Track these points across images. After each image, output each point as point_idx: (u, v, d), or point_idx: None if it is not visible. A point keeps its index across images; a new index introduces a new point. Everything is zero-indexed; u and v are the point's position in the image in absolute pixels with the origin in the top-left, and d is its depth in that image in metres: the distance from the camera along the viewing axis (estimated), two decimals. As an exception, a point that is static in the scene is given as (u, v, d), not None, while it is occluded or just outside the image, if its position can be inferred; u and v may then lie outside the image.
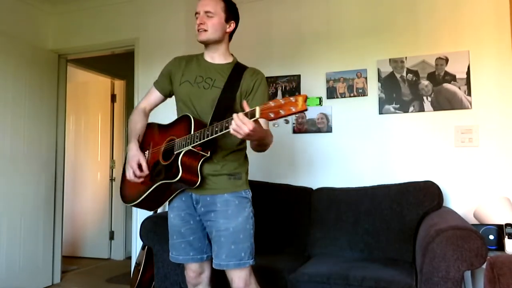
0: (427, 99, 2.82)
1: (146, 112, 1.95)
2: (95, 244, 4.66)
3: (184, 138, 1.66)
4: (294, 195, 2.85)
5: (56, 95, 3.74)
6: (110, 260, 4.60)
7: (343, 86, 3.02)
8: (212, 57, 1.85)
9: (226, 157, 1.77)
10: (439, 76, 2.80)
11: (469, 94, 2.73)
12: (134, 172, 1.72)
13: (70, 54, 3.81)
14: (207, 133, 1.58)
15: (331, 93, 3.05)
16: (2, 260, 3.15)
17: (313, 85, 3.08)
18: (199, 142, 1.60)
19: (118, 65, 4.54)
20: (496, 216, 2.36)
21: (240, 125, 1.43)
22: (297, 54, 3.15)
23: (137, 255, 3.21)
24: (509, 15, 2.62)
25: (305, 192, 2.86)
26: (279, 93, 3.15)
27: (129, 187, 1.86)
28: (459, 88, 2.75)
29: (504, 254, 2.15)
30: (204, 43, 1.82)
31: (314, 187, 2.89)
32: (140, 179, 1.73)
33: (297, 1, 3.20)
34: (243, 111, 1.84)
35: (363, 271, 2.12)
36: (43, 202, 3.53)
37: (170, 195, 1.80)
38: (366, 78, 2.97)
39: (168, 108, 2.08)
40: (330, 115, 3.04)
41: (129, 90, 4.59)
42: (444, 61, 2.79)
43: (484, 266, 1.54)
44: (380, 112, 2.93)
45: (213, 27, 1.77)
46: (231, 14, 1.83)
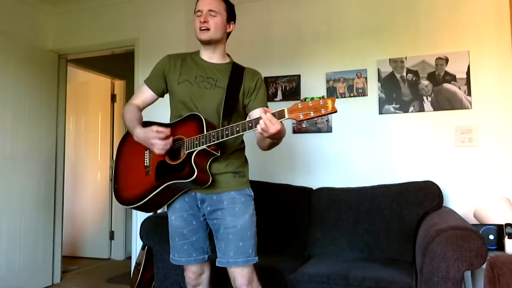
0: (427, 99, 2.82)
1: (140, 109, 1.90)
2: (95, 244, 4.66)
3: (196, 137, 1.63)
4: (294, 195, 2.85)
5: (56, 95, 3.74)
6: (110, 260, 4.60)
7: (343, 86, 3.02)
8: (210, 56, 1.85)
9: (230, 156, 1.78)
10: (439, 76, 2.80)
11: (469, 94, 2.73)
12: (158, 138, 1.64)
13: (70, 54, 3.81)
14: (226, 132, 1.58)
15: (331, 93, 3.05)
16: (2, 260, 3.15)
17: (313, 85, 3.08)
18: (216, 142, 1.60)
19: (118, 65, 4.54)
20: (496, 216, 2.36)
21: (269, 125, 1.46)
22: (297, 54, 3.15)
23: (137, 255, 3.21)
24: (509, 15, 2.62)
25: (305, 192, 2.86)
26: (279, 93, 3.15)
27: (128, 188, 1.83)
28: (459, 88, 2.75)
29: (504, 254, 2.15)
30: (205, 42, 1.80)
31: (314, 187, 2.89)
32: (169, 139, 1.65)
33: (297, 1, 3.20)
34: (244, 110, 1.84)
35: (363, 271, 2.12)
36: (43, 202, 3.53)
37: (174, 196, 1.78)
38: (366, 78, 2.97)
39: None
40: (330, 115, 3.04)
41: (129, 90, 4.59)
42: (444, 61, 2.79)
43: (484, 266, 1.54)
44: (380, 112, 2.93)
45: (216, 26, 1.77)
46: (231, 15, 1.85)
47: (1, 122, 3.20)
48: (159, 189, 1.70)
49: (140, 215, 3.25)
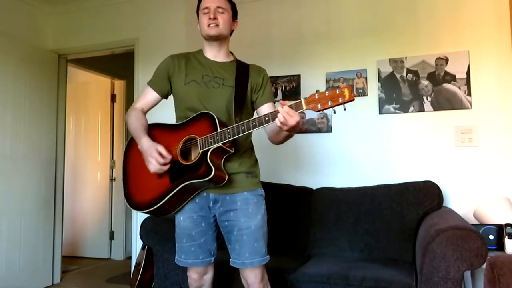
0: (427, 99, 2.82)
1: (144, 112, 1.88)
2: (95, 244, 4.66)
3: (211, 135, 1.61)
4: (294, 195, 2.85)
5: (56, 95, 3.74)
6: (110, 260, 4.60)
7: (343, 86, 3.02)
8: (216, 55, 1.83)
9: (242, 155, 1.78)
10: (439, 76, 2.80)
11: (469, 94, 2.73)
12: (157, 160, 1.64)
13: (70, 54, 3.81)
14: (242, 128, 1.56)
15: (331, 93, 3.05)
16: (2, 260, 3.15)
17: (313, 85, 3.07)
18: (232, 138, 1.59)
19: (118, 65, 4.54)
20: (496, 216, 2.36)
21: (288, 118, 1.45)
22: (297, 54, 3.15)
23: (137, 255, 3.21)
24: (509, 15, 2.62)
25: (305, 192, 2.86)
26: (279, 93, 3.15)
27: (140, 192, 1.78)
28: (459, 88, 2.75)
29: (504, 254, 2.15)
30: (213, 39, 1.78)
31: (314, 187, 2.89)
32: (166, 167, 1.66)
33: (297, 1, 3.20)
34: (252, 107, 1.83)
35: (363, 271, 2.12)
36: (43, 202, 3.53)
37: (189, 197, 1.75)
38: (366, 78, 2.97)
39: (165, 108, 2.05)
40: (330, 115, 3.04)
41: (129, 90, 4.58)
42: (444, 61, 2.79)
43: (484, 266, 1.54)
44: (380, 112, 2.93)
45: (224, 23, 1.76)
46: (235, 13, 1.85)
47: (1, 122, 3.20)
48: (175, 190, 1.67)
49: (140, 215, 3.25)
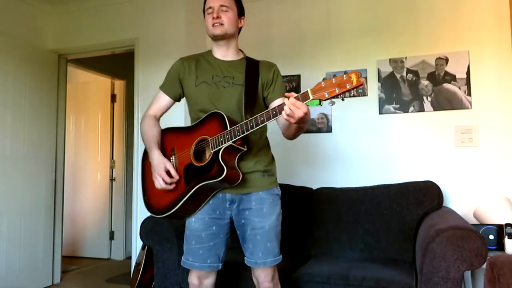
0: (427, 99, 2.82)
1: (157, 118, 1.88)
2: (95, 244, 4.66)
3: (221, 134, 1.60)
4: (294, 195, 2.84)
5: (56, 95, 3.73)
6: (110, 260, 4.60)
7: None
8: (224, 54, 1.81)
9: (258, 153, 1.76)
10: (439, 76, 2.80)
11: (469, 94, 2.73)
12: (163, 179, 1.66)
13: (70, 54, 3.80)
14: (251, 124, 1.53)
15: (331, 93, 3.05)
16: (2, 260, 3.15)
17: (313, 85, 3.07)
18: (242, 136, 1.56)
19: (118, 65, 4.53)
20: (496, 216, 2.36)
21: (294, 109, 1.41)
22: (297, 54, 3.15)
23: (137, 255, 3.20)
24: (509, 15, 2.62)
25: (305, 192, 2.86)
26: (279, 93, 3.14)
27: (157, 197, 1.77)
28: (459, 88, 2.75)
29: (504, 254, 2.15)
30: (219, 38, 1.76)
31: (314, 187, 2.89)
32: (172, 186, 1.68)
33: (297, 1, 3.20)
34: (264, 103, 1.79)
35: (363, 271, 2.12)
36: (43, 202, 3.53)
37: (206, 198, 1.73)
38: (366, 78, 2.97)
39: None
40: (330, 115, 3.04)
41: (129, 90, 4.58)
42: (444, 61, 2.79)
43: (484, 266, 1.54)
44: (380, 112, 2.93)
45: (229, 21, 1.74)
46: (241, 10, 1.82)
47: (1, 122, 3.20)
48: (190, 193, 1.65)
49: (140, 215, 3.25)
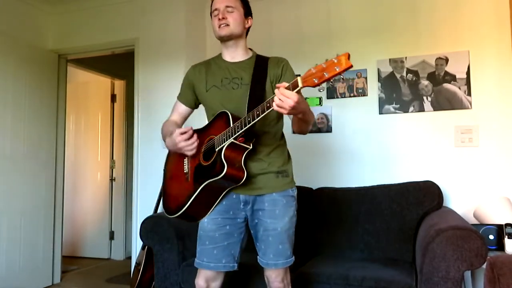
0: (427, 99, 2.82)
1: (178, 124, 1.90)
2: (95, 244, 4.66)
3: (224, 133, 1.60)
4: (294, 195, 2.84)
5: (56, 95, 3.73)
6: (110, 260, 4.60)
7: (343, 86, 3.02)
8: (233, 56, 1.80)
9: (271, 153, 1.74)
10: (439, 76, 2.80)
11: (469, 94, 2.73)
12: (183, 140, 1.63)
13: (70, 54, 3.80)
14: (248, 119, 1.52)
15: (331, 93, 3.05)
16: (2, 260, 3.15)
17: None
18: (241, 131, 1.55)
19: (118, 65, 4.53)
20: (496, 216, 2.36)
21: (283, 99, 1.36)
22: (297, 54, 3.15)
23: (137, 255, 3.21)
24: (509, 15, 2.62)
25: (305, 192, 2.86)
26: (279, 93, 3.14)
27: (171, 198, 1.79)
28: (459, 88, 2.75)
29: (504, 254, 2.15)
30: (225, 39, 1.76)
31: (314, 187, 2.89)
32: (194, 143, 1.64)
33: (297, 1, 3.20)
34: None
35: (363, 271, 2.13)
36: (43, 202, 3.53)
37: (216, 198, 1.72)
38: (366, 78, 2.97)
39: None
40: (330, 115, 3.04)
41: (129, 90, 4.58)
42: (444, 61, 2.79)
43: (484, 266, 1.54)
44: (380, 112, 2.93)
45: (235, 21, 1.74)
46: (248, 10, 1.82)
47: (1, 122, 3.20)
48: (197, 192, 1.65)
49: (140, 215, 3.25)
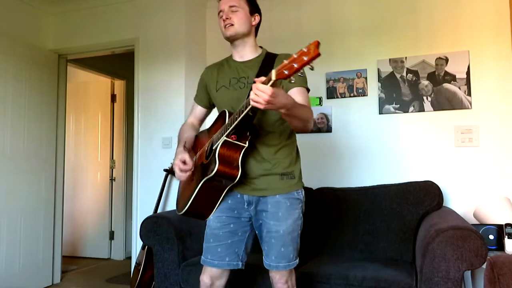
0: (427, 99, 2.82)
1: (195, 125, 1.95)
2: (95, 244, 4.66)
3: (219, 131, 1.63)
4: (294, 195, 2.84)
5: (56, 95, 3.73)
6: (110, 260, 4.60)
7: (343, 86, 3.02)
8: (241, 55, 1.81)
9: (277, 153, 1.72)
10: (439, 76, 2.80)
11: (469, 94, 2.73)
12: (179, 167, 1.70)
13: (70, 54, 3.80)
14: (236, 116, 1.54)
15: (331, 93, 3.05)
16: (2, 260, 3.15)
17: (313, 85, 3.05)
18: (230, 129, 1.57)
19: (118, 65, 4.53)
20: (496, 216, 2.36)
21: (258, 93, 1.34)
22: (297, 54, 3.15)
23: (137, 255, 3.21)
24: (509, 15, 2.62)
25: (305, 192, 2.85)
26: (279, 93, 3.15)
27: (181, 197, 1.83)
28: (459, 88, 2.75)
29: (504, 254, 2.15)
30: (231, 39, 1.77)
31: (314, 187, 2.89)
32: (187, 173, 1.71)
33: (297, 1, 3.20)
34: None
35: (363, 271, 2.13)
36: (43, 202, 3.53)
37: (218, 196, 1.73)
38: (366, 78, 2.97)
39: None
40: (330, 115, 3.04)
41: (129, 90, 4.59)
42: (444, 61, 2.79)
43: (484, 266, 1.54)
44: (380, 112, 2.93)
45: (239, 20, 1.73)
46: (254, 7, 1.81)
47: (1, 122, 3.20)
48: (196, 190, 1.67)
49: (140, 215, 3.25)
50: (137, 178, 3.34)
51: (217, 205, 1.75)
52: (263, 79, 1.37)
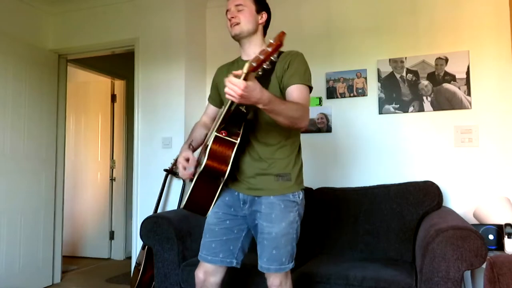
0: (427, 99, 2.82)
1: (207, 124, 1.96)
2: (95, 244, 4.66)
3: (211, 127, 1.66)
4: (294, 195, 2.84)
5: (56, 95, 3.73)
6: (110, 260, 4.60)
7: (343, 86, 3.02)
8: (248, 53, 1.80)
9: (275, 154, 1.70)
10: (439, 76, 2.80)
11: (469, 94, 2.73)
12: (182, 165, 1.73)
13: (70, 54, 3.80)
14: (222, 111, 1.56)
15: (331, 93, 3.05)
16: (2, 260, 3.15)
17: (313, 85, 3.07)
18: (218, 124, 1.59)
19: (118, 65, 4.53)
20: (496, 216, 2.36)
21: (230, 86, 1.33)
22: (297, 54, 3.15)
23: (137, 255, 3.21)
24: (509, 15, 2.62)
25: (305, 192, 2.85)
26: (279, 93, 3.15)
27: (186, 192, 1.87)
28: (459, 88, 2.75)
29: (504, 254, 2.15)
30: (237, 38, 1.77)
31: (314, 187, 2.89)
32: (189, 171, 1.73)
33: (297, 1, 3.20)
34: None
35: (363, 271, 2.13)
36: (43, 202, 3.53)
37: (214, 191, 1.73)
38: (366, 78, 2.97)
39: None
40: (330, 115, 3.05)
41: (129, 90, 4.59)
42: (444, 61, 2.79)
43: (484, 266, 1.54)
44: (380, 112, 2.93)
45: (245, 19, 1.73)
46: (261, 5, 1.81)
47: (1, 122, 3.20)
48: (192, 185, 1.69)
49: (140, 215, 3.25)
50: (137, 178, 3.34)
51: (215, 200, 1.75)
52: (238, 72, 1.35)
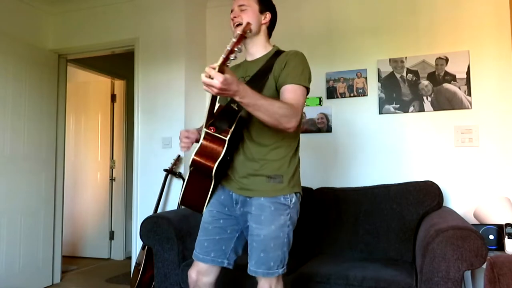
0: (427, 99, 2.82)
1: None
2: (95, 244, 4.66)
3: (203, 123, 1.66)
4: (294, 195, 2.84)
5: (56, 95, 3.73)
6: (110, 260, 4.60)
7: (343, 86, 3.02)
8: (251, 54, 1.81)
9: (268, 154, 1.67)
10: (439, 76, 2.80)
11: (469, 94, 2.73)
12: (182, 134, 1.76)
13: (70, 54, 3.80)
14: (208, 108, 1.58)
15: (331, 93, 3.05)
16: (2, 260, 3.15)
17: (313, 85, 3.05)
18: (205, 120, 1.60)
19: (118, 65, 4.53)
20: (496, 216, 2.36)
21: (205, 80, 1.32)
22: (297, 54, 3.15)
23: (137, 255, 3.21)
24: (509, 15, 2.62)
25: (305, 192, 2.85)
26: (279, 93, 3.15)
27: None
28: (459, 88, 2.75)
29: (504, 254, 2.15)
30: None
31: (314, 187, 2.89)
32: (186, 140, 1.75)
33: (297, 1, 3.20)
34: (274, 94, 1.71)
35: (363, 271, 2.12)
36: (43, 202, 3.53)
37: (207, 189, 1.72)
38: (366, 78, 2.97)
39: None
40: (330, 115, 3.04)
41: (129, 90, 4.58)
42: (444, 61, 2.79)
43: (484, 266, 1.54)
44: (380, 112, 2.93)
45: (247, 19, 1.73)
46: (264, 5, 1.81)
47: (1, 122, 3.20)
48: (185, 181, 1.71)
49: (140, 215, 3.25)
50: (137, 178, 3.34)
51: (208, 197, 1.75)
52: (214, 66, 1.34)
